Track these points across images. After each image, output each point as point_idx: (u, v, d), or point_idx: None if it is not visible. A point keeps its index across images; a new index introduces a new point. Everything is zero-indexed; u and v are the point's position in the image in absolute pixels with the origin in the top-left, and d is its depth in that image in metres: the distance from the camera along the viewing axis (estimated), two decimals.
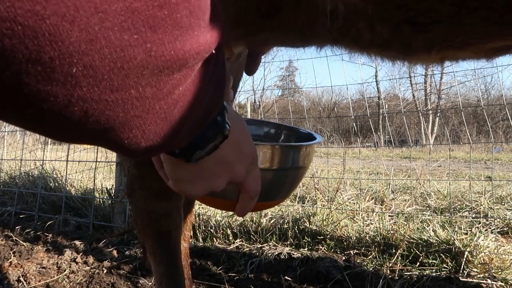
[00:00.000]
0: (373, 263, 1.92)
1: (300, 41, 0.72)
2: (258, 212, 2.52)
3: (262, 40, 0.74)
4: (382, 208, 2.81)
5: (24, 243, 2.33)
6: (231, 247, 2.19)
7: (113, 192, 2.75)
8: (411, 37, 0.60)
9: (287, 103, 20.95)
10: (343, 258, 2.00)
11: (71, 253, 2.11)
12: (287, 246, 2.17)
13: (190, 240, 1.55)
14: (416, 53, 0.64)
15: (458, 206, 2.93)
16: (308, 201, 2.97)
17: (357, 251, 2.09)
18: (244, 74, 1.19)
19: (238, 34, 0.69)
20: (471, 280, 1.71)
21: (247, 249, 2.17)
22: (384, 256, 1.98)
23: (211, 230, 2.37)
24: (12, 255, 2.10)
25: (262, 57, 0.98)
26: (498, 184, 3.84)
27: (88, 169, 3.98)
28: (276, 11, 0.65)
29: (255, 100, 23.99)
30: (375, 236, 2.14)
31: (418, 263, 1.88)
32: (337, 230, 2.25)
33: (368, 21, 0.59)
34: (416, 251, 1.94)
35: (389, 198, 3.12)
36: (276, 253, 2.05)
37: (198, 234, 2.37)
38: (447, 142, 11.63)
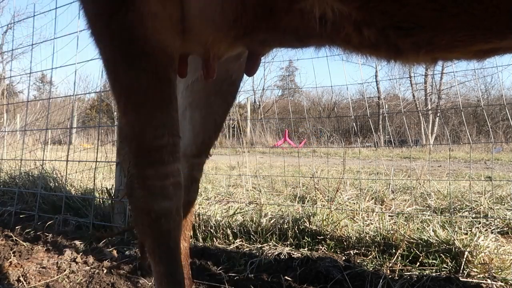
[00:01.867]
0: (373, 263, 1.92)
1: (297, 42, 0.74)
2: (258, 212, 2.52)
3: (261, 41, 0.75)
4: (382, 208, 2.80)
5: (24, 243, 2.33)
6: (231, 247, 2.19)
7: (113, 192, 2.75)
8: (398, 41, 0.62)
9: (287, 103, 20.95)
10: (343, 258, 2.00)
11: (71, 253, 2.11)
12: (287, 246, 2.17)
13: (190, 240, 1.55)
14: (405, 55, 0.66)
15: (458, 206, 2.92)
16: (308, 201, 2.97)
17: (357, 251, 2.08)
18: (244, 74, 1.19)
19: (236, 35, 0.70)
20: (471, 280, 1.70)
21: (247, 249, 2.17)
22: (384, 256, 1.98)
23: (211, 230, 2.37)
24: (12, 255, 2.10)
25: (262, 57, 0.99)
26: (498, 184, 3.84)
27: (88, 169, 3.98)
28: (271, 14, 0.66)
29: (255, 100, 24.00)
30: (375, 236, 2.14)
31: (418, 263, 1.88)
32: (337, 230, 2.25)
33: (355, 26, 0.61)
34: (416, 251, 1.94)
35: (389, 198, 3.11)
36: (276, 253, 2.05)
37: (198, 234, 2.37)
38: (447, 142, 11.63)
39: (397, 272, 1.80)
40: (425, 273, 1.77)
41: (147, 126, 0.94)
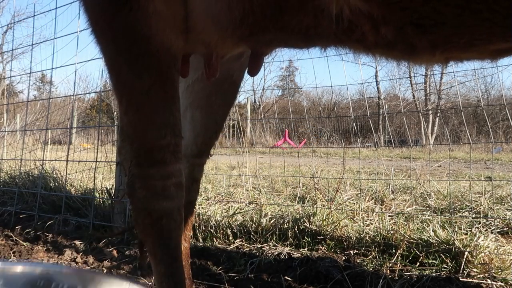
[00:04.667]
0: (373, 263, 1.92)
1: (304, 43, 0.73)
2: (258, 212, 2.52)
3: (266, 41, 0.74)
4: (382, 208, 2.81)
5: (24, 243, 2.33)
6: (231, 247, 2.19)
7: (113, 192, 2.75)
8: (416, 39, 0.61)
9: (287, 103, 20.94)
10: (343, 258, 2.00)
11: (71, 253, 2.11)
12: (287, 246, 2.17)
13: (190, 240, 1.55)
14: (420, 54, 0.65)
15: (458, 206, 2.92)
16: (308, 201, 2.97)
17: (357, 251, 2.09)
18: (245, 74, 1.19)
19: (241, 35, 0.70)
20: (471, 280, 1.71)
21: (247, 249, 2.17)
22: (384, 256, 1.98)
23: (211, 230, 2.37)
24: (12, 255, 2.10)
25: (265, 57, 0.99)
26: (498, 184, 3.84)
27: (88, 169, 3.98)
28: (281, 13, 0.65)
29: (255, 100, 23.99)
30: (375, 236, 2.14)
31: (418, 263, 1.88)
32: (337, 230, 2.25)
33: (372, 24, 0.60)
34: (416, 251, 1.94)
35: (389, 198, 3.12)
36: (276, 253, 2.05)
37: (198, 234, 2.37)
38: (447, 142, 11.63)
39: (397, 272, 1.80)
40: (425, 273, 1.78)
41: (149, 126, 0.94)
